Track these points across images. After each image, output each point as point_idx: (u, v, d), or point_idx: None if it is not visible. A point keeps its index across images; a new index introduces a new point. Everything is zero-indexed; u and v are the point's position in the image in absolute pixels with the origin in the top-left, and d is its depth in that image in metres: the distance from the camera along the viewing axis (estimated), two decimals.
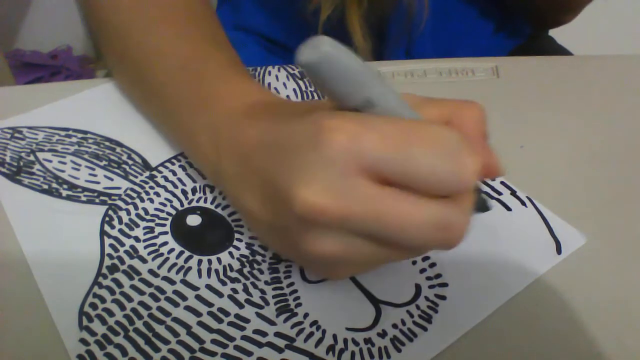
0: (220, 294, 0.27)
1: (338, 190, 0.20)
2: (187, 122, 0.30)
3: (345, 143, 0.20)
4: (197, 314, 0.26)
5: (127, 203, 0.32)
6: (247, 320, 0.26)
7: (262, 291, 0.27)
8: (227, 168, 0.26)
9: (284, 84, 0.41)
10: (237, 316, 0.26)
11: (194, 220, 0.31)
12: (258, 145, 0.24)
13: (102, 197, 0.32)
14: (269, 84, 0.40)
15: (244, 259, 0.29)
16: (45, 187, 0.32)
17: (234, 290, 0.27)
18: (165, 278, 0.28)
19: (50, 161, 0.34)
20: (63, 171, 0.33)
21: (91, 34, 0.41)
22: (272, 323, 0.26)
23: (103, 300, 0.27)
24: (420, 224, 0.20)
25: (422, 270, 0.29)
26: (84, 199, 0.32)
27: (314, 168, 0.20)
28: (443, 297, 0.28)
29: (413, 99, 0.24)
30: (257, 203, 0.24)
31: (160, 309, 0.27)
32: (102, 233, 0.30)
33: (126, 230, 0.30)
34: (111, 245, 0.29)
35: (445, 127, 0.21)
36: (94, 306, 0.26)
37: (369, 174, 0.20)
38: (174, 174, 0.33)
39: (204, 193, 0.32)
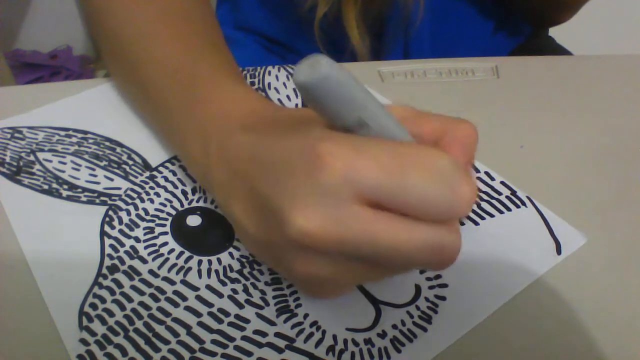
0: (220, 295, 0.27)
1: (333, 217, 0.20)
2: (179, 126, 0.30)
3: (340, 172, 0.20)
4: (197, 314, 0.26)
5: (127, 203, 0.32)
6: (247, 321, 0.26)
7: (262, 292, 0.27)
8: (216, 175, 0.26)
9: (284, 84, 0.41)
10: (237, 316, 0.26)
11: (194, 220, 0.31)
12: (249, 159, 0.24)
13: (102, 198, 0.32)
14: (269, 84, 0.40)
15: (244, 260, 0.29)
16: (46, 187, 0.32)
17: (234, 291, 0.27)
18: (165, 278, 0.28)
19: (51, 161, 0.34)
20: (63, 171, 0.33)
21: (90, 34, 0.41)
22: (272, 323, 0.26)
23: (103, 301, 0.27)
24: (415, 248, 0.20)
25: (422, 271, 0.29)
26: (84, 199, 0.32)
27: (308, 194, 0.20)
28: (443, 298, 0.28)
29: (405, 112, 0.23)
30: (245, 214, 0.24)
31: (160, 309, 0.27)
32: (102, 233, 0.30)
33: (126, 230, 0.30)
34: (111, 246, 0.29)
35: (441, 153, 0.20)
36: (94, 306, 0.26)
37: (364, 200, 0.20)
38: (174, 174, 0.33)
39: (204, 193, 0.32)
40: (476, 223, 0.31)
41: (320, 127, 0.22)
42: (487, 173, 0.35)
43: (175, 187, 0.33)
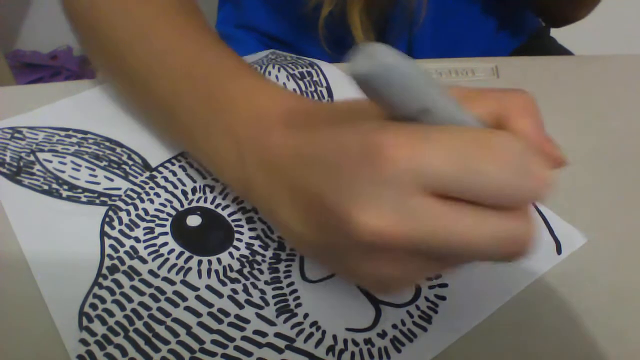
0: (220, 295, 0.27)
1: (400, 212, 0.19)
2: (203, 132, 0.28)
3: (405, 162, 0.18)
4: (197, 314, 0.26)
5: (127, 204, 0.32)
6: (247, 321, 0.26)
7: (262, 291, 0.27)
8: (255, 180, 0.25)
9: (284, 84, 0.41)
10: (237, 317, 0.26)
11: (194, 220, 0.31)
12: (295, 157, 0.22)
13: (102, 198, 0.32)
14: None
15: (243, 259, 0.29)
16: (46, 187, 0.32)
17: (234, 291, 0.27)
18: (165, 279, 0.28)
19: (51, 161, 0.34)
20: (63, 172, 0.33)
21: (79, 41, 0.37)
22: (272, 323, 0.26)
23: (103, 301, 0.27)
24: (487, 240, 0.19)
25: None
26: (84, 199, 0.32)
27: (371, 189, 0.19)
28: (443, 298, 0.28)
29: (460, 92, 0.22)
30: (295, 217, 0.23)
31: (160, 309, 0.27)
32: (102, 234, 0.30)
33: (126, 230, 0.30)
34: (111, 246, 0.29)
35: (511, 136, 0.19)
36: (94, 306, 0.26)
37: (430, 191, 0.19)
38: (174, 174, 0.33)
39: (204, 193, 0.32)
40: None
41: (373, 119, 0.20)
42: None
43: (175, 187, 0.32)
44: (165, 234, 0.30)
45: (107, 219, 0.31)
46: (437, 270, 0.22)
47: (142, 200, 0.32)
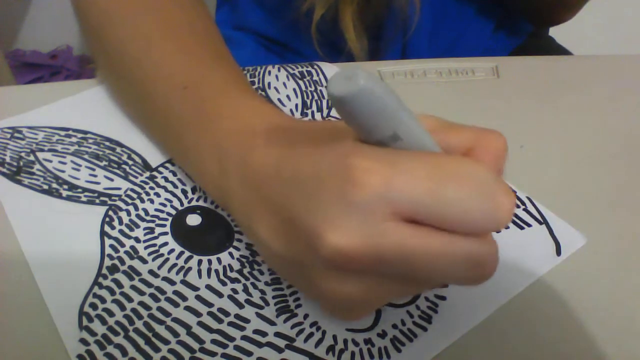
0: (220, 294, 0.27)
1: (368, 235, 0.19)
2: (192, 144, 0.29)
3: (376, 189, 0.19)
4: (197, 314, 0.26)
5: (127, 204, 0.32)
6: (247, 321, 0.26)
7: (262, 291, 0.27)
8: (236, 194, 0.25)
9: (284, 84, 0.41)
10: (237, 316, 0.26)
11: (193, 220, 0.31)
12: (273, 175, 0.23)
13: (102, 198, 0.32)
14: (269, 84, 0.41)
15: (244, 260, 0.29)
16: (46, 187, 0.32)
17: (234, 291, 0.27)
18: (165, 278, 0.28)
19: (50, 161, 0.34)
20: (63, 171, 0.33)
21: (89, 51, 0.39)
22: (272, 323, 0.26)
23: (103, 301, 0.27)
24: (453, 263, 0.20)
25: None
26: (84, 199, 0.32)
27: (342, 210, 0.19)
28: (443, 298, 0.28)
29: (434, 124, 0.22)
30: (270, 233, 0.23)
31: (160, 309, 0.27)
32: (103, 233, 0.30)
33: (126, 230, 0.30)
34: (111, 246, 0.29)
35: (478, 164, 0.20)
36: (94, 306, 0.26)
37: (400, 215, 0.19)
38: (174, 174, 0.33)
39: (205, 193, 0.32)
40: None
41: (351, 140, 0.21)
42: None
43: (175, 186, 0.33)
44: (165, 233, 0.30)
45: (107, 219, 0.31)
46: (401, 294, 0.23)
47: (142, 201, 0.32)
